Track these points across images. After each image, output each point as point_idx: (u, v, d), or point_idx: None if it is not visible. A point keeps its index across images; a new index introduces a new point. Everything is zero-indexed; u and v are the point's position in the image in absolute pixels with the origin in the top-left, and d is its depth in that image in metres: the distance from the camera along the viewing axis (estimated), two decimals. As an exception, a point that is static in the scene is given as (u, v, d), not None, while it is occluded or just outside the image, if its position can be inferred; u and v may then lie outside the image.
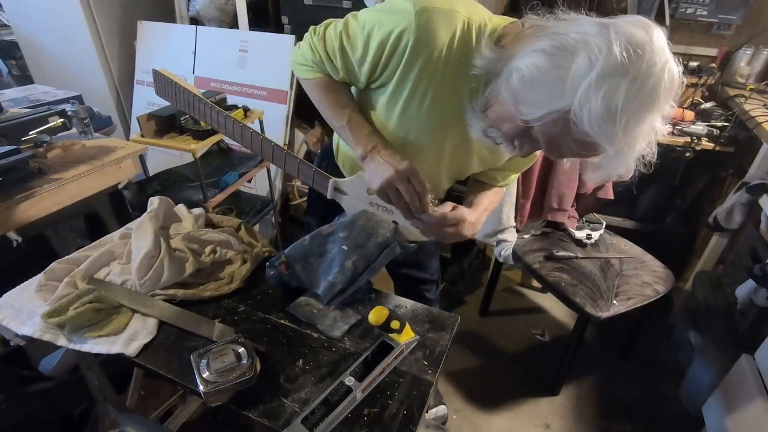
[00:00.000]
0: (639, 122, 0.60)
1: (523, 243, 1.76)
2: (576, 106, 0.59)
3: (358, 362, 0.78)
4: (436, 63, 0.78)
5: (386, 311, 0.77)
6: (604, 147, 0.62)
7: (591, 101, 0.58)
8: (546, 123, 0.64)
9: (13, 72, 2.96)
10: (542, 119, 0.64)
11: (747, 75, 1.98)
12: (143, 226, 1.00)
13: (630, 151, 0.64)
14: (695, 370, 1.64)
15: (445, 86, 0.81)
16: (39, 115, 1.46)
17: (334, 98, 0.90)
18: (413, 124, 0.88)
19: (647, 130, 0.63)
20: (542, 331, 2.07)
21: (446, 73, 0.79)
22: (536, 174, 1.67)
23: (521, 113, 0.66)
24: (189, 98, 1.04)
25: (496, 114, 0.74)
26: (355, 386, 0.73)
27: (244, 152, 2.22)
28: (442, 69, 0.79)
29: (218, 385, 0.71)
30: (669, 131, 1.83)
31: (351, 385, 0.73)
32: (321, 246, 0.91)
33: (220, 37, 2.42)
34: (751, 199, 1.59)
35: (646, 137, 0.64)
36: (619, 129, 0.59)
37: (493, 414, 1.69)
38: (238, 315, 0.92)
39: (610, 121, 0.58)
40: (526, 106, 0.65)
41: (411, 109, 0.85)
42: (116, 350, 0.81)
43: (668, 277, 1.61)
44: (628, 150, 0.64)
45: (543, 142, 0.69)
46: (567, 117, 0.61)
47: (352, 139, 0.86)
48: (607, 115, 0.58)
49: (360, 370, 0.76)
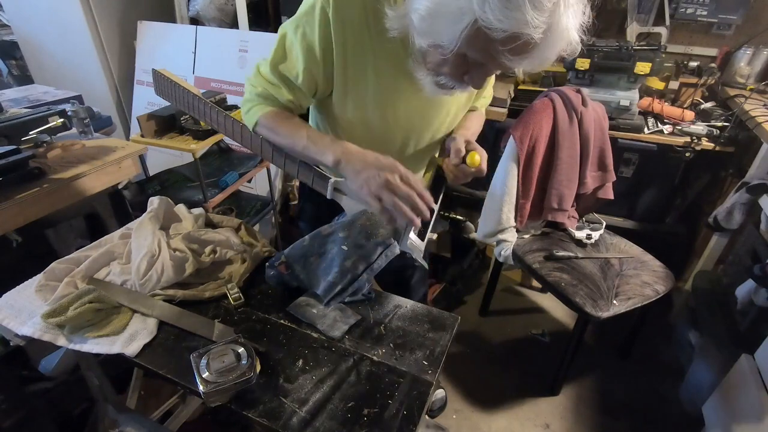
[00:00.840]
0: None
1: (523, 243, 1.76)
2: (478, 11, 0.60)
3: None
4: (361, 32, 0.80)
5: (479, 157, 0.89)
6: (527, 33, 0.60)
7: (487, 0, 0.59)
8: (468, 42, 0.65)
9: (13, 72, 2.96)
10: (460, 40, 0.65)
11: (747, 75, 1.98)
12: (143, 226, 1.00)
13: (558, 24, 0.62)
14: (695, 370, 1.64)
15: (381, 54, 0.83)
16: (39, 115, 1.47)
17: (287, 125, 0.88)
18: (371, 102, 0.89)
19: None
20: (542, 331, 2.07)
21: (374, 42, 0.81)
22: (536, 174, 1.67)
23: (444, 47, 0.68)
24: (189, 98, 1.04)
25: (431, 62, 0.76)
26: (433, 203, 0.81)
27: (244, 152, 2.22)
28: (369, 38, 0.81)
29: (218, 386, 0.71)
30: (669, 131, 1.86)
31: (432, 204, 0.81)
32: (321, 246, 0.91)
33: (220, 37, 2.42)
34: (751, 199, 1.59)
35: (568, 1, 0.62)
36: (526, 8, 0.58)
37: (493, 414, 1.69)
38: (238, 315, 0.92)
39: (515, 6, 0.58)
40: (442, 38, 0.67)
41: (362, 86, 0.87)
42: (116, 350, 0.81)
43: (668, 277, 1.61)
44: (555, 23, 0.62)
45: (481, 59, 0.69)
46: (478, 26, 0.62)
47: (318, 150, 0.84)
48: (508, 1, 0.58)
49: None
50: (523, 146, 1.60)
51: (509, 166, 1.64)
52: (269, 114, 0.89)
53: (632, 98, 1.87)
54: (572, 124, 1.64)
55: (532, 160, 1.64)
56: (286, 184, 2.49)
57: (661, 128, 1.89)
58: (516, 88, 2.16)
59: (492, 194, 1.71)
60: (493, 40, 0.63)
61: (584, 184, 1.72)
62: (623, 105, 1.87)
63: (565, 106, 1.62)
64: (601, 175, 1.76)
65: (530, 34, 0.60)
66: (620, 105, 1.87)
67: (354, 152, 0.82)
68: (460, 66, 0.73)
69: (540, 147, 1.63)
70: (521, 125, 1.60)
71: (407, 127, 0.98)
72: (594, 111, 1.68)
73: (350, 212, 0.92)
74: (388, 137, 0.98)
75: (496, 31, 0.61)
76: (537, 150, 1.63)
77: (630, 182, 2.01)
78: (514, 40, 0.62)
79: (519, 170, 1.65)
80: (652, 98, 2.00)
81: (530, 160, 1.64)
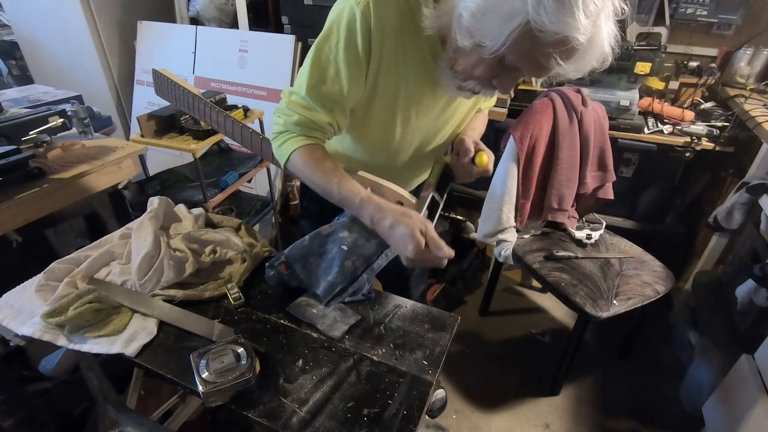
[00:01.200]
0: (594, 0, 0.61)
1: (523, 243, 1.76)
2: (532, 13, 0.61)
3: None
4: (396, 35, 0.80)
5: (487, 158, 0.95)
6: (575, 37, 0.62)
7: (543, 1, 0.60)
8: (514, 43, 0.66)
9: (13, 72, 2.96)
10: (508, 41, 0.65)
11: (747, 75, 1.98)
12: (143, 226, 1.00)
13: (598, 34, 0.64)
14: (695, 370, 1.64)
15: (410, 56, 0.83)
16: (39, 115, 1.47)
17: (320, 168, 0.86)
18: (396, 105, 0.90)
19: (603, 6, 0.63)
20: (542, 331, 2.07)
21: (405, 44, 0.81)
22: (536, 174, 1.67)
23: (486, 47, 0.68)
24: (189, 98, 1.04)
25: (464, 64, 0.76)
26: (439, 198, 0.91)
27: (244, 152, 2.22)
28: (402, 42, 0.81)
29: (217, 386, 0.71)
30: (669, 131, 1.86)
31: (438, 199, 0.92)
32: (321, 246, 0.91)
33: (220, 37, 2.42)
34: (751, 199, 1.59)
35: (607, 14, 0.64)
36: (579, 13, 0.60)
37: (493, 414, 1.69)
38: (238, 315, 0.92)
39: (568, 11, 0.59)
40: (488, 38, 0.67)
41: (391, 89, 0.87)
42: (116, 350, 0.81)
43: (668, 277, 1.61)
44: (596, 33, 0.64)
45: (520, 63, 0.70)
46: (529, 27, 0.62)
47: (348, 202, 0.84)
48: (561, 5, 0.59)
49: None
50: (523, 146, 1.60)
51: (509, 166, 1.64)
52: (304, 152, 0.86)
53: (632, 98, 1.87)
54: (572, 124, 1.64)
55: (532, 160, 1.64)
56: (286, 184, 2.49)
57: (661, 128, 1.89)
58: (516, 88, 2.16)
59: (492, 194, 1.71)
60: (540, 41, 0.63)
61: (584, 184, 1.72)
62: (623, 105, 1.87)
63: (565, 106, 1.62)
64: (601, 175, 1.76)
65: (578, 39, 0.62)
66: (620, 105, 1.87)
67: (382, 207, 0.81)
68: (494, 69, 0.74)
69: (540, 147, 1.63)
70: (521, 125, 1.60)
71: (424, 130, 0.99)
72: (594, 111, 1.68)
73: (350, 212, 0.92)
74: (405, 139, 0.99)
75: (547, 34, 0.62)
76: (537, 150, 1.63)
77: (630, 182, 2.01)
78: (562, 44, 0.63)
79: (519, 170, 1.65)
80: (652, 98, 2.00)
81: (530, 160, 1.64)
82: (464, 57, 0.75)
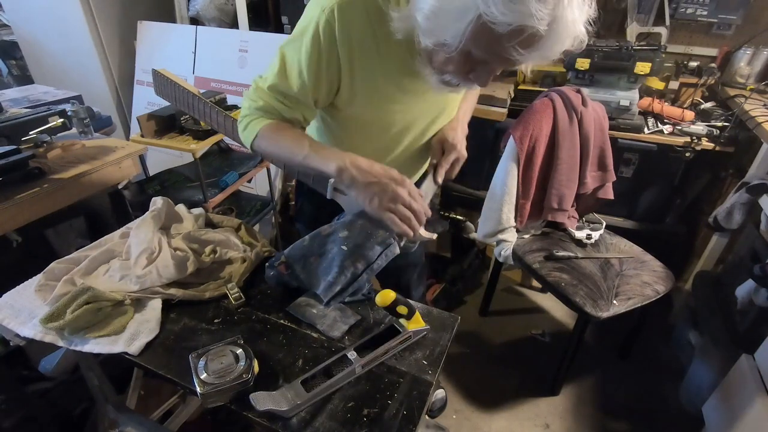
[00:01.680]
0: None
1: (523, 243, 1.76)
2: (482, 7, 0.61)
3: (364, 339, 0.83)
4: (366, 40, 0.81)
5: (393, 294, 0.80)
6: (532, 26, 0.60)
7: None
8: (473, 39, 0.66)
9: (13, 72, 2.96)
10: (465, 37, 0.66)
11: (747, 75, 1.98)
12: (145, 223, 1.00)
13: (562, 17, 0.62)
14: (695, 370, 1.64)
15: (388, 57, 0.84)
16: (39, 115, 1.47)
17: (288, 136, 0.88)
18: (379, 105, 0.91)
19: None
20: (542, 331, 2.07)
21: (380, 47, 0.82)
22: (536, 174, 1.67)
23: (448, 45, 0.69)
24: (188, 98, 1.05)
25: (437, 61, 0.77)
26: (356, 360, 0.77)
27: (244, 152, 2.22)
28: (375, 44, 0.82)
29: (215, 387, 0.71)
30: (669, 131, 1.86)
31: (353, 359, 0.77)
32: (321, 246, 0.91)
33: (220, 37, 2.42)
34: (751, 199, 1.59)
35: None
36: (530, 1, 0.58)
37: (493, 414, 1.69)
38: (238, 315, 0.92)
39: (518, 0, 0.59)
40: (446, 36, 0.68)
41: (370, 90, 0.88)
42: (118, 350, 0.81)
43: (668, 277, 1.61)
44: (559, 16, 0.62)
45: (484, 57, 0.70)
46: (482, 21, 0.63)
47: (320, 159, 0.84)
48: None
49: (365, 347, 0.80)
50: (523, 146, 1.60)
51: (509, 166, 1.64)
52: (270, 126, 0.88)
53: (632, 98, 1.87)
54: (572, 124, 1.64)
55: (532, 160, 1.64)
56: (286, 184, 2.49)
57: (661, 128, 1.89)
58: (516, 88, 2.16)
59: (492, 194, 1.71)
60: (498, 36, 0.63)
61: (584, 184, 1.72)
62: (623, 105, 1.87)
63: (565, 106, 1.62)
64: (601, 175, 1.76)
65: (535, 26, 0.60)
66: (620, 105, 1.87)
67: (361, 162, 0.82)
68: (465, 64, 0.74)
69: (540, 147, 1.63)
70: (521, 125, 1.60)
71: (413, 127, 0.99)
72: (594, 111, 1.68)
73: (350, 212, 0.92)
74: (394, 137, 0.99)
75: (501, 26, 0.61)
76: (537, 150, 1.63)
77: (630, 182, 2.01)
78: (519, 34, 0.62)
79: (519, 170, 1.65)
80: (652, 98, 2.00)
81: (530, 160, 1.64)
82: (434, 55, 0.76)
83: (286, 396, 0.71)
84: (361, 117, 0.94)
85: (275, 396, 0.71)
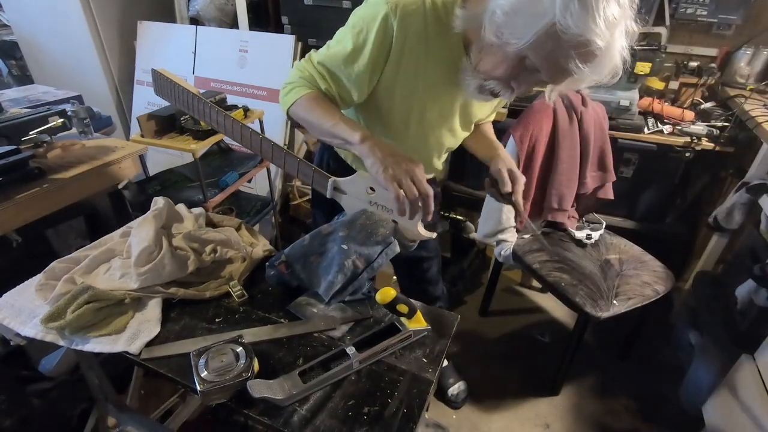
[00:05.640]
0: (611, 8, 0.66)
1: (523, 243, 1.76)
2: (559, 15, 0.65)
3: (363, 336, 0.84)
4: (419, 39, 0.86)
5: (393, 292, 0.81)
6: (595, 41, 0.67)
7: (570, 4, 0.64)
8: (538, 43, 0.70)
9: (13, 72, 2.96)
10: (533, 40, 0.69)
11: (747, 75, 1.98)
12: (146, 222, 1.00)
13: (614, 43, 0.70)
14: (695, 370, 1.64)
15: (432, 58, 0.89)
16: (39, 115, 1.46)
17: (323, 107, 0.91)
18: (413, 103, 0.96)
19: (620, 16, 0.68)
20: (542, 331, 2.07)
21: (429, 47, 0.87)
22: (536, 174, 1.67)
23: (511, 45, 0.72)
24: (188, 98, 1.04)
25: (487, 64, 0.81)
26: (354, 355, 0.78)
27: (244, 152, 2.22)
28: (425, 45, 0.86)
29: (215, 385, 0.71)
30: (669, 131, 1.86)
31: (351, 353, 0.78)
32: (321, 245, 0.91)
33: (220, 37, 2.42)
34: (751, 199, 1.59)
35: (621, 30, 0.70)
36: (600, 20, 0.65)
37: (493, 414, 1.69)
38: (239, 315, 0.92)
39: (592, 16, 0.65)
40: (515, 36, 0.71)
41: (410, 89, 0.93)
42: (119, 349, 0.81)
43: (668, 277, 1.61)
44: (612, 42, 0.69)
45: (541, 63, 0.74)
46: (554, 29, 0.67)
47: (347, 129, 0.86)
48: (586, 10, 0.65)
49: (364, 344, 0.81)
50: (523, 146, 1.60)
51: (509, 165, 1.64)
52: (310, 95, 0.91)
53: (632, 98, 1.87)
54: (572, 124, 1.64)
55: (532, 160, 1.64)
56: (286, 184, 2.49)
57: (661, 128, 1.89)
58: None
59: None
60: (562, 43, 0.68)
61: (584, 184, 1.72)
62: (623, 105, 1.87)
63: (565, 106, 1.62)
64: (601, 175, 1.76)
65: (597, 43, 0.67)
66: (620, 105, 1.88)
67: (384, 142, 0.84)
68: (515, 69, 0.77)
69: (540, 147, 1.63)
70: (521, 125, 1.60)
71: (437, 129, 1.04)
72: (594, 111, 1.68)
73: (350, 211, 0.92)
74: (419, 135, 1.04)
75: (571, 36, 0.66)
76: (537, 150, 1.63)
77: (630, 182, 2.01)
78: (584, 46, 0.68)
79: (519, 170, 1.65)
80: (652, 98, 2.00)
81: (530, 160, 1.64)
82: (488, 55, 0.80)
83: (282, 386, 0.73)
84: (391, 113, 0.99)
85: (272, 385, 0.72)
